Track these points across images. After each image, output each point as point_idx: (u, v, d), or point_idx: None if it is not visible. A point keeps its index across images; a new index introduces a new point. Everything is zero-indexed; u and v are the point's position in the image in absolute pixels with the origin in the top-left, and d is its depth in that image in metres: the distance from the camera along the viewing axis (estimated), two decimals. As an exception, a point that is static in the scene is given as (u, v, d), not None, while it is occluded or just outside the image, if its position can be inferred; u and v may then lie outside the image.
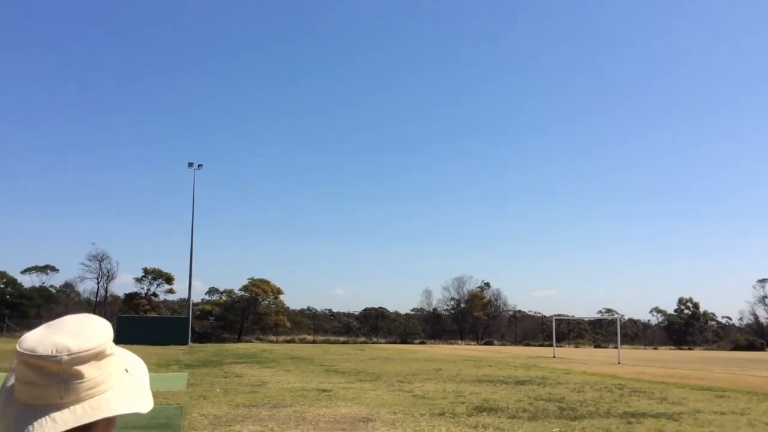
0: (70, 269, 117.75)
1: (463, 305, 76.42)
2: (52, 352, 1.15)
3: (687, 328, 78.28)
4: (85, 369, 1.16)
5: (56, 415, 1.14)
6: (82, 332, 1.20)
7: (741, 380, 23.15)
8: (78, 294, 67.35)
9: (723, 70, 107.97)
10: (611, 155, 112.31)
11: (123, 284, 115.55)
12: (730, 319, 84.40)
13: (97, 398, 1.18)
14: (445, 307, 78.26)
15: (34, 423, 1.13)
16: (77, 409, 1.15)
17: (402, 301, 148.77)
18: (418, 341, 68.68)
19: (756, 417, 13.04)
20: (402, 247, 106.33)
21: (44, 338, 1.18)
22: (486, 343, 69.20)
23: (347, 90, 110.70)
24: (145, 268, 67.53)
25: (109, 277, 67.47)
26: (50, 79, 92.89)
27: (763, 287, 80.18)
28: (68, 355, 1.15)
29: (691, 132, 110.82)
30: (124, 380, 1.24)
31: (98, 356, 1.19)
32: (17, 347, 1.18)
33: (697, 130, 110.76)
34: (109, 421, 1.26)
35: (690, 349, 69.99)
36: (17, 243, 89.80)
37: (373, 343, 64.94)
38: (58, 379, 1.15)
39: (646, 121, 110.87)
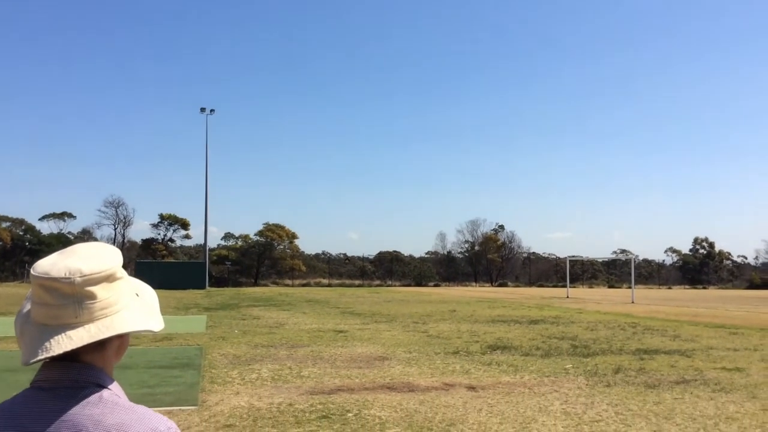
0: (87, 216, 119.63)
1: (477, 248, 76.68)
2: (65, 275, 1.22)
3: (702, 267, 78.29)
4: (97, 290, 1.24)
5: (71, 333, 1.21)
6: (93, 256, 1.28)
7: (755, 318, 23.26)
8: (95, 240, 68.19)
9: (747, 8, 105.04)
10: (624, 93, 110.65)
11: (140, 230, 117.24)
12: (746, 258, 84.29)
13: (110, 318, 1.25)
14: (459, 250, 78.62)
15: (51, 340, 1.20)
16: (91, 327, 1.23)
17: (416, 244, 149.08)
18: (432, 284, 69.25)
19: (768, 353, 13.15)
20: (415, 191, 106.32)
21: (57, 262, 1.25)
22: (500, 285, 69.70)
23: (358, 31, 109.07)
24: (161, 214, 68.18)
25: (126, 223, 68.25)
26: (62, 23, 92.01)
27: (779, 226, 79.77)
28: (80, 276, 1.22)
29: (706, 68, 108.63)
30: (134, 302, 1.32)
31: (109, 278, 1.27)
32: (32, 271, 1.26)
33: (712, 65, 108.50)
34: (122, 342, 1.34)
35: (704, 288, 70.12)
36: (35, 190, 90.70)
37: (388, 286, 65.57)
38: (72, 300, 1.22)
39: (661, 57, 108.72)
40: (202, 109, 56.13)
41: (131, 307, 1.30)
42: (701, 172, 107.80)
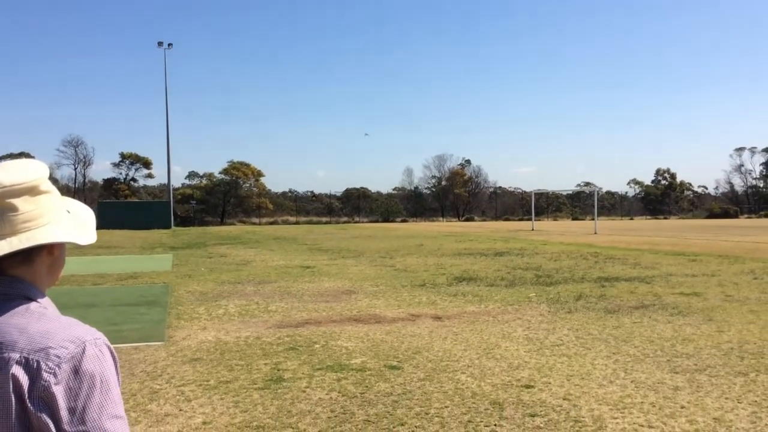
0: (46, 156, 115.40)
1: (444, 183, 76.94)
2: None
3: (663, 198, 79.73)
4: (18, 202, 1.21)
5: None
6: (16, 169, 1.25)
7: (713, 245, 23.86)
8: (56, 180, 66.94)
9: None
10: (588, 27, 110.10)
11: (101, 170, 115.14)
12: (706, 188, 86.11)
13: (33, 231, 1.23)
14: (426, 186, 78.84)
15: None
16: (13, 239, 1.20)
17: (383, 180, 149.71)
18: (399, 219, 69.58)
19: (725, 278, 13.55)
20: (381, 127, 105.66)
21: None
22: (467, 220, 70.29)
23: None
24: (122, 153, 66.84)
25: (86, 162, 66.95)
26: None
27: (739, 156, 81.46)
28: (0, 188, 1.19)
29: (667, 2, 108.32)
30: (63, 217, 1.29)
31: (32, 191, 1.23)
32: None
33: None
34: (54, 260, 1.31)
35: (665, 218, 71.63)
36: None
37: (356, 222, 65.75)
38: None
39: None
40: (160, 44, 54.59)
41: (59, 222, 1.27)
42: (665, 104, 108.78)
